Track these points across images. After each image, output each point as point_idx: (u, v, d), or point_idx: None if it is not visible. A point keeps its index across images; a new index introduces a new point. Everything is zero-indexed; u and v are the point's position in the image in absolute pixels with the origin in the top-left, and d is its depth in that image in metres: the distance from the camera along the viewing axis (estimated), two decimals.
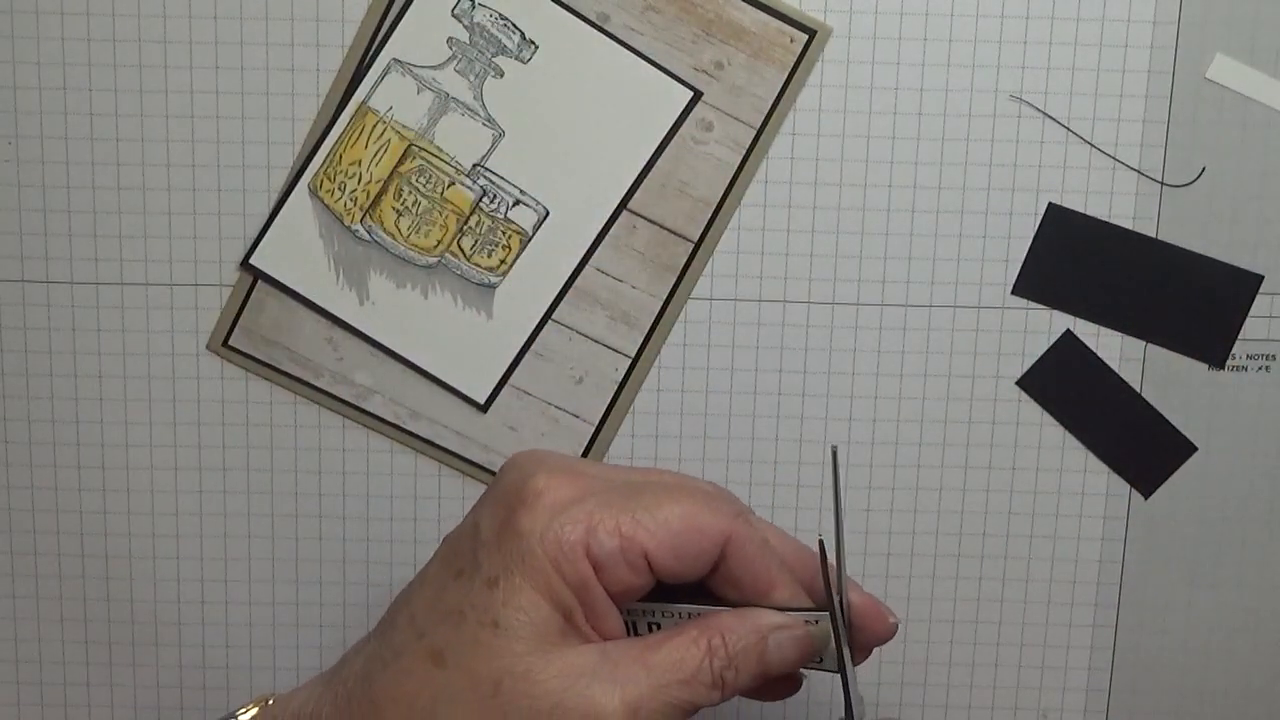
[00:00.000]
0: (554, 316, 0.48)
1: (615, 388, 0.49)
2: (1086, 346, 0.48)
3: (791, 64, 0.47)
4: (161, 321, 0.49)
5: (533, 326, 0.49)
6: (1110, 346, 0.48)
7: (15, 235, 0.48)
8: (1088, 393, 0.48)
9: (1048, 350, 0.48)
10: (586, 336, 0.49)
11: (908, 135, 0.47)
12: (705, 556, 0.34)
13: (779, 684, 0.37)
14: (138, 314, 0.49)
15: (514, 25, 0.47)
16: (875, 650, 0.50)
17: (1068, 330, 0.48)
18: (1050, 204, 0.48)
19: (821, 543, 0.35)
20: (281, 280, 0.48)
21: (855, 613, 0.36)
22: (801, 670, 0.37)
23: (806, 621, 0.35)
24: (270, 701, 0.38)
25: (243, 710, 0.38)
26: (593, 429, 0.49)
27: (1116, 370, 0.48)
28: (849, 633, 0.35)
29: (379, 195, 0.48)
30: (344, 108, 0.47)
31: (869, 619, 0.37)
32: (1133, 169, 0.47)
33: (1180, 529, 0.49)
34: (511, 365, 0.49)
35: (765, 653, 0.34)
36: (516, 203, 0.48)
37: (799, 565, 0.37)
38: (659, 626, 0.36)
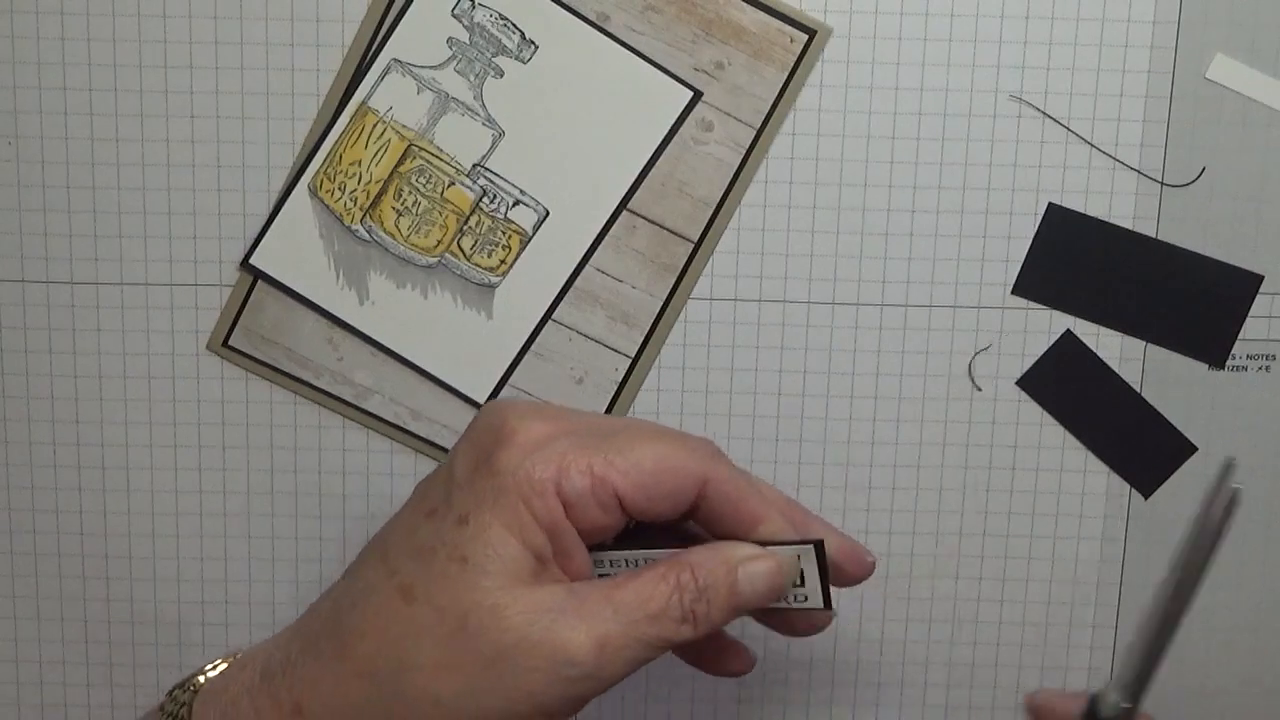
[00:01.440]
0: (554, 316, 0.48)
1: (615, 388, 0.49)
2: (1086, 346, 0.48)
3: (791, 64, 0.47)
4: (161, 321, 0.49)
5: (533, 326, 0.49)
6: (1110, 346, 0.48)
7: (15, 235, 0.48)
8: (1088, 393, 0.48)
9: (1048, 350, 0.48)
10: (586, 336, 0.49)
11: (908, 135, 0.47)
12: (680, 497, 0.34)
13: (728, 658, 0.38)
14: (138, 314, 0.49)
15: (514, 25, 0.47)
16: (876, 649, 0.50)
17: (1068, 330, 0.48)
18: (1050, 204, 0.48)
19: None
20: (281, 280, 0.48)
21: (832, 554, 0.36)
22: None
23: (777, 553, 0.35)
24: (239, 655, 0.37)
25: (211, 666, 0.37)
26: None
27: (1116, 370, 0.48)
28: (828, 573, 0.35)
29: (379, 195, 0.48)
30: (344, 108, 0.47)
31: (846, 560, 0.37)
32: (1133, 169, 0.47)
33: (1180, 529, 0.49)
34: (511, 365, 0.49)
35: (736, 584, 0.34)
36: (516, 203, 0.48)
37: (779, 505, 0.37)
38: None
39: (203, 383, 0.49)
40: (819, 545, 0.35)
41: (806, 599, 0.36)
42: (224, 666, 0.37)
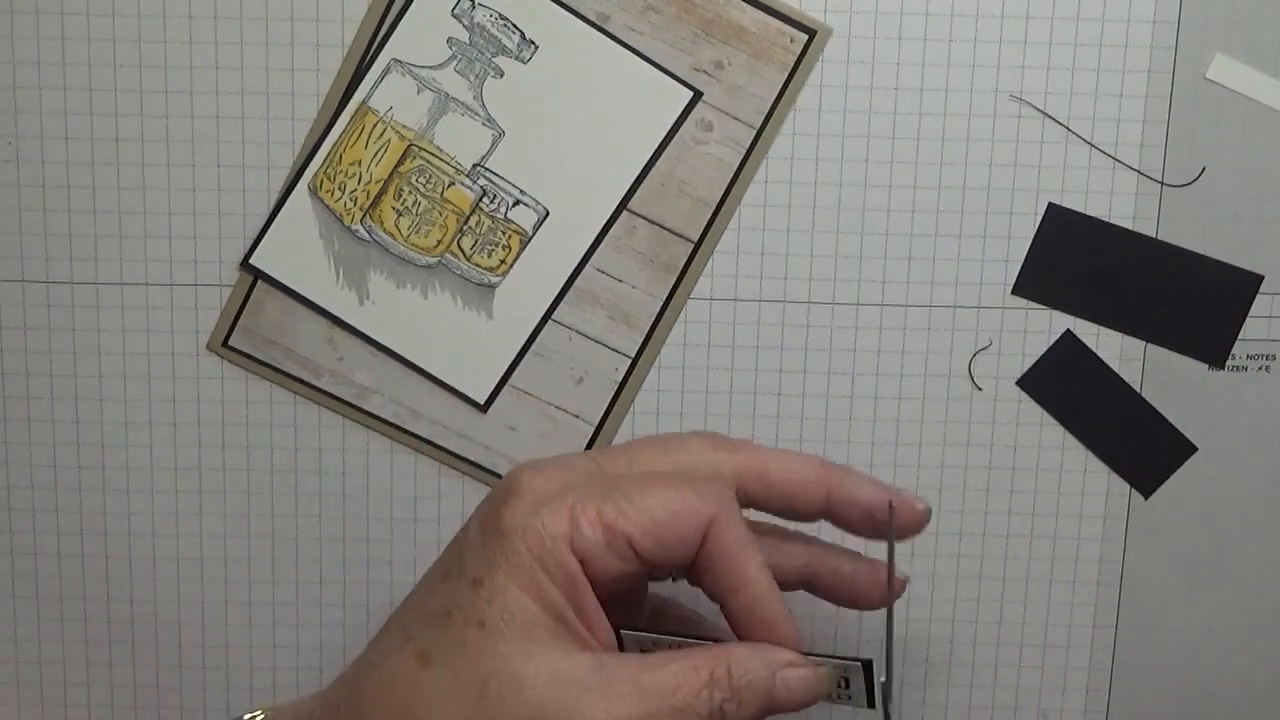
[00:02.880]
0: (554, 316, 0.48)
1: (615, 388, 0.49)
2: (1086, 346, 0.48)
3: (791, 64, 0.47)
4: (161, 321, 0.49)
5: (533, 326, 0.49)
6: (1110, 346, 0.48)
7: (15, 235, 0.48)
8: (1088, 393, 0.48)
9: (1048, 350, 0.48)
10: (586, 336, 0.49)
11: (908, 135, 0.47)
12: (690, 540, 0.34)
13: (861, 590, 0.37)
14: (138, 314, 0.49)
15: (514, 25, 0.47)
16: (877, 649, 0.50)
17: (1068, 330, 0.48)
18: (1050, 204, 0.48)
19: (891, 505, 0.34)
20: (281, 280, 0.48)
21: (871, 510, 0.35)
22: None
23: (819, 664, 0.34)
24: (271, 711, 0.38)
25: (249, 715, 0.38)
26: (593, 429, 0.49)
27: (1116, 370, 0.48)
28: (874, 686, 0.35)
29: (379, 195, 0.48)
30: (344, 108, 0.47)
31: (898, 511, 0.35)
32: (1133, 169, 0.47)
33: (1180, 529, 0.49)
34: (511, 365, 0.49)
35: (773, 690, 0.33)
36: (516, 203, 0.48)
37: (808, 484, 0.36)
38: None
39: (203, 383, 0.49)
40: (867, 666, 0.34)
41: (851, 699, 0.35)
42: (261, 716, 0.37)
